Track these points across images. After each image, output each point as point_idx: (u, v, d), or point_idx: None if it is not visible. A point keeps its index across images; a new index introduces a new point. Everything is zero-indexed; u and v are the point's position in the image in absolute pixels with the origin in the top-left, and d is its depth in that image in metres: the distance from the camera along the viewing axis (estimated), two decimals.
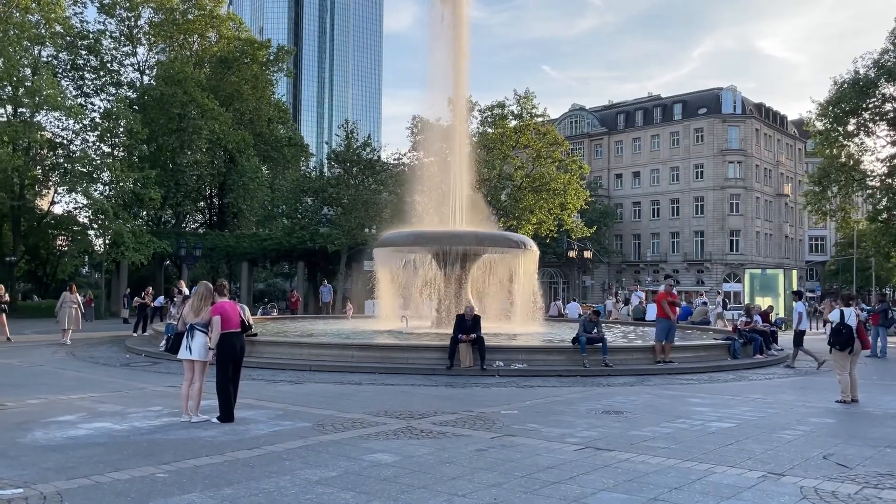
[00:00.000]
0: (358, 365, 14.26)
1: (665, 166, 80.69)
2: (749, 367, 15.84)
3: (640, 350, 15.57)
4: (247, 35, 55.01)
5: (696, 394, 11.87)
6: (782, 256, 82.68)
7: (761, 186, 79.28)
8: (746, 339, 16.83)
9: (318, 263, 50.32)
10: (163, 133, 44.32)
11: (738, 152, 76.87)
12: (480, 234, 20.79)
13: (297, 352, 15.10)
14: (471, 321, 14.30)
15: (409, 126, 44.58)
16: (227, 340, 9.18)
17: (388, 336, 18.85)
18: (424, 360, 14.38)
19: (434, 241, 20.12)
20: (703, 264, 77.70)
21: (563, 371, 13.94)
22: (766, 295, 37.12)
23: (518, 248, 20.55)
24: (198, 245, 38.54)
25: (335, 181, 45.29)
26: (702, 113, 78.29)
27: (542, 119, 45.53)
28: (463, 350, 13.97)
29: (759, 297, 35.69)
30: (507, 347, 14.84)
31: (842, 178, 33.76)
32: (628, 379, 13.57)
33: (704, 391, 12.27)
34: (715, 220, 77.11)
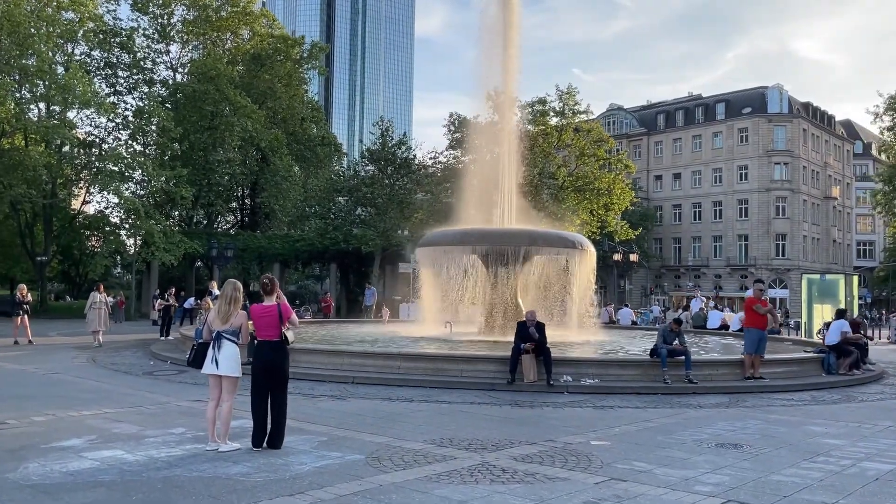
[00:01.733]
0: (405, 377, 12.64)
1: (707, 167, 78.06)
2: (848, 385, 13.89)
3: (724, 364, 13.71)
4: (280, 32, 54.02)
5: (810, 419, 10.03)
6: (830, 262, 79.45)
7: (808, 189, 76.25)
8: (840, 352, 14.86)
9: (351, 265, 48.97)
10: (195, 131, 43.36)
11: (784, 153, 74.01)
12: (534, 232, 19.07)
13: (338, 361, 13.52)
14: (534, 329, 12.60)
15: (446, 123, 42.96)
16: (257, 349, 7.66)
17: (434, 344, 17.23)
18: (481, 373, 12.71)
19: (483, 240, 18.45)
20: (748, 269, 74.88)
21: (642, 388, 12.17)
22: (825, 302, 34.73)
23: (574, 248, 18.80)
24: (229, 245, 37.35)
25: (369, 180, 43.88)
26: (746, 112, 75.57)
27: (585, 116, 43.64)
28: (526, 362, 12.27)
29: (817, 305, 33.34)
30: (574, 360, 13.09)
31: None
32: (719, 398, 11.75)
33: (818, 415, 10.41)
34: (760, 224, 74.32)
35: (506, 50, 22.49)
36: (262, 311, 7.70)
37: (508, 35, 22.40)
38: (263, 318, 7.67)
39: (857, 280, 41.70)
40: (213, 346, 7.69)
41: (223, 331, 7.65)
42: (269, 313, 7.66)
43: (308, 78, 56.93)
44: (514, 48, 22.62)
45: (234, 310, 7.62)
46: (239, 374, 7.68)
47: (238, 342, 7.67)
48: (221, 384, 7.68)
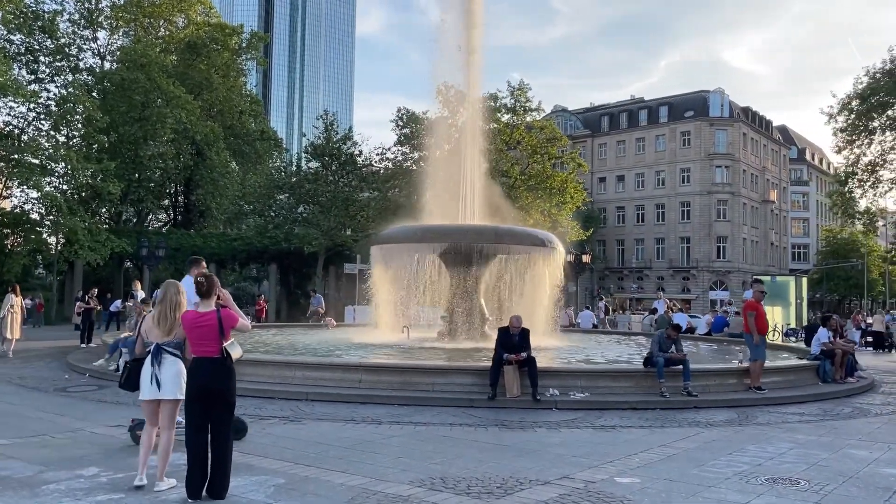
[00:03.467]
0: (368, 393, 10.93)
1: (650, 170, 78.35)
2: (848, 395, 12.85)
3: (719, 374, 12.43)
4: (217, 20, 51.33)
5: (843, 439, 8.78)
6: (768, 264, 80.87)
7: (748, 192, 77.39)
8: (833, 357, 13.82)
9: (292, 266, 46.69)
10: (124, 122, 40.40)
11: (725, 156, 74.86)
12: (501, 229, 17.57)
13: (287, 374, 11.69)
14: (518, 336, 11.07)
15: (394, 119, 41.22)
16: (193, 370, 5.91)
17: (393, 352, 15.55)
18: (456, 388, 11.10)
19: (446, 236, 16.86)
20: (690, 271, 75.47)
21: (638, 403, 10.76)
22: (775, 304, 34.49)
23: (543, 246, 17.40)
24: (161, 244, 34.71)
25: (313, 177, 41.77)
26: (688, 116, 76.17)
27: (537, 113, 42.57)
28: (509, 374, 10.72)
29: (768, 306, 32.97)
30: (560, 371, 11.59)
31: (870, 178, 31.32)
32: (725, 413, 10.44)
33: (847, 434, 9.20)
34: (701, 226, 74.94)
35: (468, 46, 21.23)
36: (195, 320, 5.92)
37: (471, 34, 21.14)
38: (199, 329, 5.90)
39: (806, 282, 41.97)
40: (152, 362, 6.09)
41: (165, 344, 6.08)
42: (205, 322, 5.89)
43: (247, 70, 54.38)
44: (478, 45, 21.39)
45: (179, 317, 6.06)
46: (182, 397, 5.99)
47: (182, 357, 6.10)
48: (160, 409, 6.03)
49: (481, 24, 21.51)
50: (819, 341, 13.92)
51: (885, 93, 29.14)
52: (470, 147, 20.04)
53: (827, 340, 13.95)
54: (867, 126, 31.56)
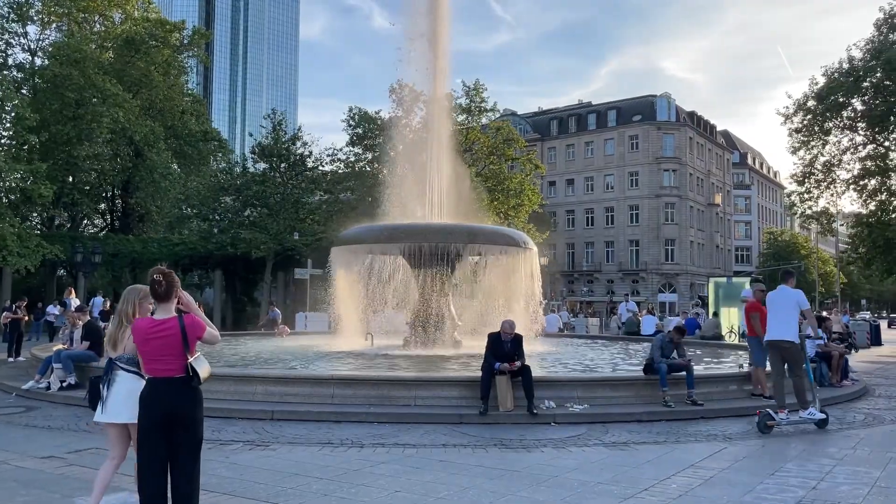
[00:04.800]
0: (343, 410, 9.68)
1: (599, 174, 78.68)
2: (850, 400, 12.18)
3: (719, 380, 11.56)
4: (157, 16, 49.00)
5: (880, 452, 7.96)
6: (713, 266, 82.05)
7: (695, 195, 78.40)
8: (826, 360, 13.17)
9: (238, 272, 44.69)
10: (56, 121, 37.94)
11: (672, 160, 75.65)
12: (474, 228, 16.50)
13: (248, 390, 10.33)
14: (510, 342, 9.98)
15: (346, 118, 39.83)
16: (150, 392, 4.63)
17: (361, 362, 14.30)
18: (442, 401, 9.94)
19: (414, 235, 15.68)
20: (639, 274, 75.94)
21: (643, 415, 9.79)
22: (731, 305, 34.40)
23: (518, 246, 16.41)
24: (97, 249, 32.52)
25: (260, 178, 39.99)
26: (636, 120, 76.76)
27: (492, 114, 41.79)
28: (502, 386, 9.61)
29: (724, 308, 32.86)
30: (555, 381, 10.53)
31: (827, 178, 31.43)
32: (737, 424, 9.56)
33: (880, 446, 8.38)
34: (650, 229, 75.52)
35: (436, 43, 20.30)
36: (150, 330, 4.64)
37: (438, 29, 20.21)
38: (155, 341, 4.62)
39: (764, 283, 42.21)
40: (103, 380, 5.15)
41: (118, 358, 5.11)
42: (163, 332, 4.62)
43: (188, 68, 52.12)
44: (445, 43, 20.49)
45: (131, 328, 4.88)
46: (133, 420, 4.79)
47: (141, 373, 4.92)
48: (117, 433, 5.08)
49: (448, 19, 20.59)
50: (815, 343, 13.25)
51: (843, 92, 29.22)
52: (436, 143, 18.96)
53: (823, 342, 13.29)
54: (822, 126, 31.67)
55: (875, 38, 29.74)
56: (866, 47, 29.34)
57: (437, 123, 20.05)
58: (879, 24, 29.93)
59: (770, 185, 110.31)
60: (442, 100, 21.05)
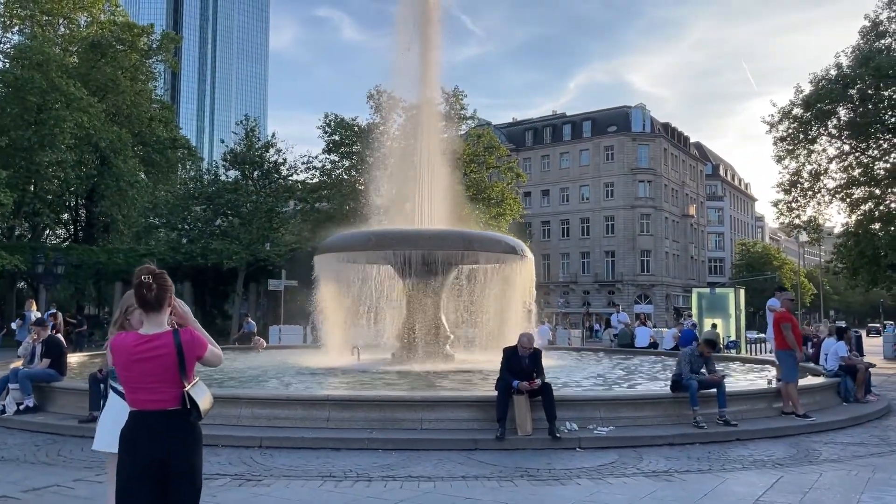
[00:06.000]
0: (341, 436, 8.56)
1: (575, 184, 78.39)
2: (880, 417, 11.36)
3: (749, 397, 10.61)
4: (124, 19, 47.41)
5: None
6: (688, 277, 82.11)
7: (669, 206, 78.44)
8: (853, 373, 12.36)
9: (208, 283, 43.10)
10: (17, 126, 36.12)
11: (647, 171, 75.62)
12: (469, 234, 15.49)
13: (232, 413, 9.15)
14: (529, 358, 8.97)
15: (321, 125, 38.68)
16: (134, 430, 3.51)
17: (349, 379, 13.18)
18: (452, 424, 8.86)
19: (406, 242, 14.59)
20: (615, 285, 75.60)
21: (675, 437, 8.82)
22: (715, 316, 33.89)
23: (515, 254, 15.44)
24: (59, 260, 30.79)
25: (232, 186, 38.58)
26: (611, 131, 76.67)
27: (472, 121, 40.98)
28: (521, 407, 8.58)
29: (708, 318, 32.29)
30: (574, 400, 9.49)
31: (814, 186, 31.06)
32: (781, 448, 8.63)
33: None
34: (625, 240, 75.30)
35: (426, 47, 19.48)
36: (137, 348, 3.52)
37: (427, 32, 19.39)
38: (143, 364, 3.50)
39: (744, 294, 41.84)
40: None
41: (112, 373, 4.40)
42: (154, 352, 3.50)
43: (156, 73, 50.52)
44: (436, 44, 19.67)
45: None
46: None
47: None
48: None
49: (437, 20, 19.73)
50: (837, 356, 12.46)
51: (830, 100, 28.90)
52: (426, 149, 17.97)
53: (846, 355, 12.50)
54: (808, 135, 31.35)
55: (861, 45, 29.53)
56: (853, 54, 29.12)
57: (426, 129, 19.11)
58: (865, 31, 29.74)
59: (741, 196, 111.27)
60: (432, 105, 20.14)
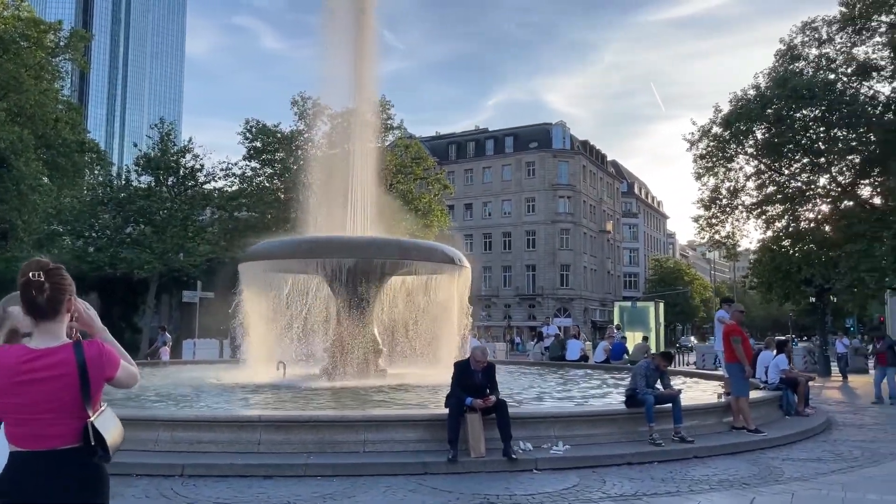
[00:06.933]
0: (275, 462, 7.70)
1: (497, 199, 78.91)
2: (822, 431, 11.30)
3: (700, 412, 10.28)
4: (29, 15, 44.55)
5: None
6: (605, 292, 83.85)
7: (588, 222, 79.98)
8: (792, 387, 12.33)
9: (117, 294, 40.69)
10: None
11: (567, 187, 76.89)
12: (406, 242, 14.80)
13: (149, 437, 8.13)
14: (482, 373, 8.35)
15: (241, 131, 37.19)
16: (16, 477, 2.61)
17: (275, 397, 12.23)
18: (398, 446, 8.13)
19: (338, 250, 13.76)
20: (535, 299, 76.30)
21: (632, 455, 8.37)
22: (635, 329, 34.40)
23: (453, 264, 14.86)
24: None
25: (145, 193, 36.58)
26: (533, 147, 77.65)
27: (399, 131, 40.38)
28: (475, 426, 7.93)
29: (629, 332, 32.72)
30: (528, 417, 8.90)
31: (732, 203, 31.84)
32: (742, 466, 8.30)
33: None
34: (546, 255, 76.20)
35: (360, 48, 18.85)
36: (24, 367, 2.63)
37: (363, 36, 18.80)
38: (30, 388, 2.62)
39: (663, 307, 42.72)
40: None
41: None
42: (47, 371, 2.62)
43: (63, 73, 47.66)
44: (371, 49, 19.08)
45: None
46: None
47: None
48: None
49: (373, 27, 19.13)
50: (778, 368, 12.40)
51: (748, 119, 29.70)
52: (358, 154, 17.25)
53: (787, 367, 12.46)
54: (726, 153, 32.16)
55: (777, 68, 30.55)
56: (770, 76, 30.08)
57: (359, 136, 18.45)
58: (781, 54, 30.80)
59: (655, 214, 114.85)
60: (365, 113, 19.48)
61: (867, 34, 29.71)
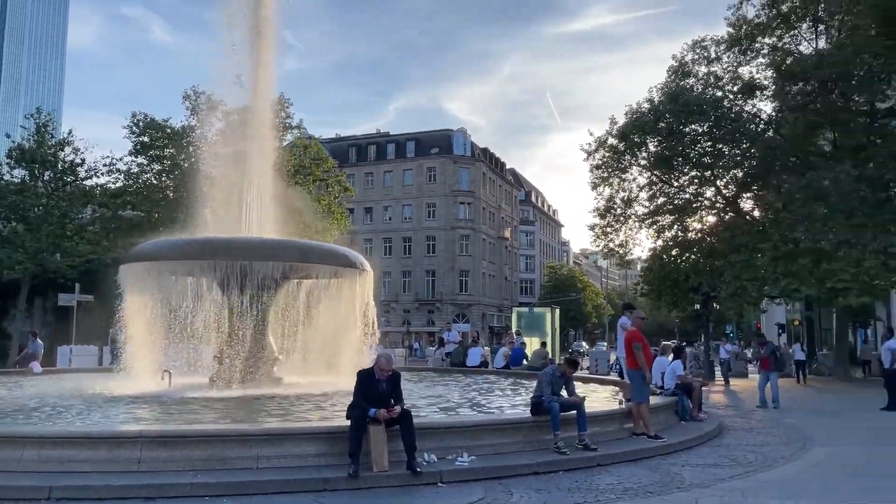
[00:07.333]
0: (157, 482, 6.99)
1: (398, 203, 78.62)
2: (717, 435, 11.54)
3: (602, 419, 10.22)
4: None
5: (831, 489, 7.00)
6: (503, 298, 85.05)
7: (487, 229, 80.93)
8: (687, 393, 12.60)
9: None
10: None
11: (467, 194, 77.53)
12: (306, 245, 14.14)
13: (12, 456, 7.21)
14: (387, 382, 7.93)
15: (129, 125, 35.09)
16: None
17: (161, 408, 11.35)
18: (295, 461, 7.58)
19: (232, 252, 12.98)
20: (435, 304, 76.38)
21: (539, 465, 8.17)
22: (533, 334, 34.88)
23: (355, 267, 14.37)
24: None
25: (17, 187, 33.89)
26: (434, 152, 77.87)
27: (298, 131, 39.34)
28: (377, 438, 7.50)
29: (526, 337, 33.16)
30: (434, 428, 8.51)
31: (626, 212, 32.90)
32: (645, 474, 8.25)
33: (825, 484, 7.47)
34: (446, 260, 76.48)
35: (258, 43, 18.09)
36: None
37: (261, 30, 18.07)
38: None
39: (558, 313, 43.54)
40: None
41: None
42: None
43: None
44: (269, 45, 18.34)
45: None
46: None
47: None
48: None
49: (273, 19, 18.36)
50: (674, 374, 12.64)
51: (642, 132, 30.78)
52: (256, 152, 16.49)
53: (683, 373, 12.72)
54: (620, 164, 33.21)
55: (669, 83, 31.84)
56: (663, 90, 31.32)
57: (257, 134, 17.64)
58: (673, 70, 32.15)
59: (550, 222, 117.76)
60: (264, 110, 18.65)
61: (752, 55, 31.45)
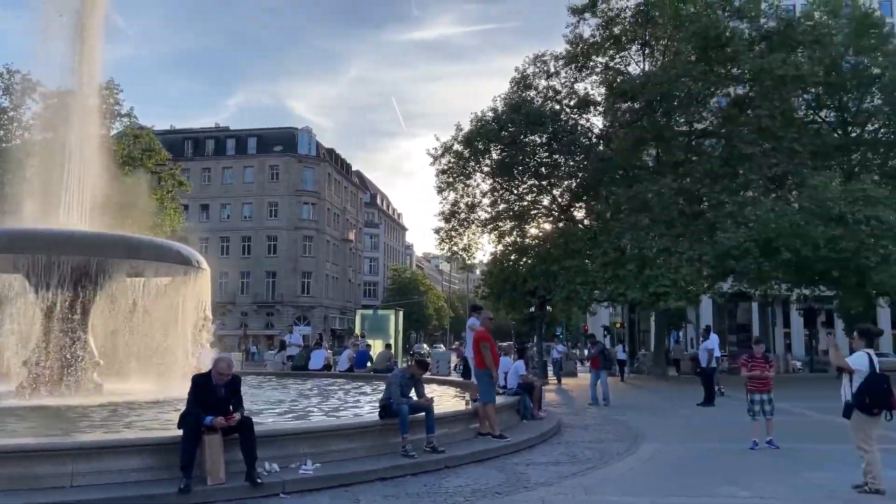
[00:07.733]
0: None
1: (238, 201, 75.58)
2: (557, 433, 11.90)
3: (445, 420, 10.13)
4: None
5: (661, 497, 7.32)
6: (346, 300, 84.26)
7: (331, 230, 79.84)
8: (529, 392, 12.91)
9: None
10: None
11: (312, 194, 76.04)
12: (136, 240, 12.89)
13: None
14: (226, 387, 7.35)
15: None
16: None
17: None
18: (117, 477, 6.83)
19: (46, 246, 11.66)
20: (275, 306, 74.16)
21: (386, 470, 7.94)
22: (376, 337, 34.84)
23: (190, 265, 13.45)
24: None
25: None
26: (278, 150, 75.68)
27: (129, 119, 36.69)
28: (214, 449, 6.92)
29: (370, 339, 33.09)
30: (275, 435, 7.98)
31: (469, 217, 33.54)
32: (493, 475, 8.27)
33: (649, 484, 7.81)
34: (287, 261, 74.52)
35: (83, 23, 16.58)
36: None
37: (87, 10, 16.60)
38: None
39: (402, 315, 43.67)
40: None
41: None
42: None
43: None
44: (96, 25, 16.87)
45: None
46: None
47: None
48: None
49: None
50: (517, 374, 12.90)
51: (487, 139, 31.55)
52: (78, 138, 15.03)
53: (525, 373, 13.02)
54: (465, 170, 33.88)
55: (511, 94, 32.90)
56: (506, 101, 32.30)
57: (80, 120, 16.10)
58: (516, 81, 33.25)
59: (395, 225, 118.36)
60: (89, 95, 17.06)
61: (587, 72, 33.23)
